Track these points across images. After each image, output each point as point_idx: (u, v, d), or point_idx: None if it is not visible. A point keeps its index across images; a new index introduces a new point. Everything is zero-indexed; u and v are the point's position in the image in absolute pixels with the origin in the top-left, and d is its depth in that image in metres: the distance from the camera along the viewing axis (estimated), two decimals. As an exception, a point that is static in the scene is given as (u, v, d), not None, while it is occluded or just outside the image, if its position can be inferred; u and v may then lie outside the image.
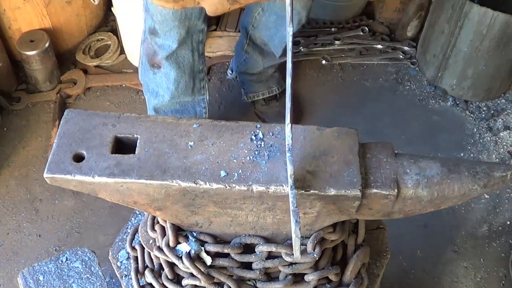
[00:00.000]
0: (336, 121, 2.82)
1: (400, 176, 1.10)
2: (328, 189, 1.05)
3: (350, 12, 3.34)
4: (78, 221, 2.48)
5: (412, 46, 3.21)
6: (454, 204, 1.15)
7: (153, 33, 2.07)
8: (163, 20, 2.00)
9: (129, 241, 1.40)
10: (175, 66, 2.18)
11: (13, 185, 2.59)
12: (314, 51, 3.17)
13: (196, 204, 1.12)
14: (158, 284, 1.29)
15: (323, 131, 1.14)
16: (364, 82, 3.10)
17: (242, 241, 1.22)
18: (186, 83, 2.28)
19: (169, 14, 1.96)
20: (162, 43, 2.09)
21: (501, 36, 2.69)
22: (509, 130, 2.90)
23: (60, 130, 1.12)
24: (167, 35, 2.05)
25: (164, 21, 2.00)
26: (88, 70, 3.03)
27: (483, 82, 2.95)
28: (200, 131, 1.13)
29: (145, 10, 2.06)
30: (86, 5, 2.99)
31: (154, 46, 2.13)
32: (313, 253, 1.19)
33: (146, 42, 2.16)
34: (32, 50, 2.78)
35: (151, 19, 2.03)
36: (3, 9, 2.75)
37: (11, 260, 2.36)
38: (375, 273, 1.44)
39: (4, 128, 2.78)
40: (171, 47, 2.10)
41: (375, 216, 1.16)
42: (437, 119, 2.95)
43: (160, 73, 2.21)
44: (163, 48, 2.11)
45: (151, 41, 2.12)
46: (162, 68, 2.19)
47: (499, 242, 2.49)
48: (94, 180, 1.05)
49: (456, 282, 2.37)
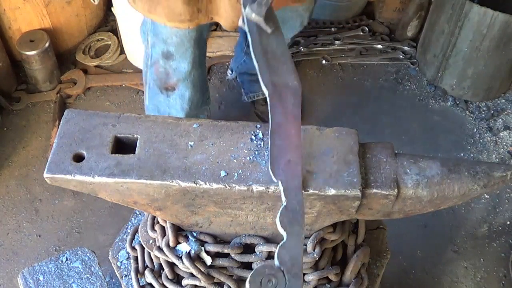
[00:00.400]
0: (336, 121, 2.82)
1: (400, 176, 1.10)
2: (328, 189, 1.05)
3: (350, 12, 3.34)
4: (78, 221, 2.48)
5: (412, 46, 3.22)
6: (454, 204, 1.15)
7: (167, 57, 2.00)
8: (179, 42, 1.94)
9: (129, 241, 1.40)
10: (190, 86, 2.14)
11: (13, 185, 2.59)
12: (314, 51, 3.17)
13: (196, 204, 1.12)
14: (158, 284, 1.29)
15: (323, 131, 1.14)
16: (364, 82, 3.10)
17: (242, 241, 1.22)
18: (198, 100, 2.25)
19: (185, 34, 1.90)
20: (177, 66, 2.04)
21: (501, 36, 2.69)
22: (509, 130, 2.90)
23: (60, 130, 1.12)
24: (182, 57, 2.00)
25: (180, 43, 1.94)
26: (88, 70, 3.03)
27: (483, 82, 2.95)
28: (200, 131, 1.13)
29: (153, 34, 1.98)
30: (86, 5, 2.99)
31: (168, 70, 2.06)
32: (313, 253, 1.19)
33: (155, 66, 2.08)
34: (32, 50, 2.78)
35: (164, 43, 1.96)
36: (3, 9, 2.75)
37: (11, 260, 2.36)
38: (375, 273, 1.44)
39: (4, 128, 2.78)
40: (186, 68, 2.05)
41: (375, 216, 1.16)
42: (437, 119, 2.95)
43: (174, 95, 2.16)
44: (178, 70, 2.05)
45: (165, 65, 2.04)
46: (176, 90, 2.13)
47: (499, 242, 2.49)
48: (94, 180, 1.05)
49: (456, 282, 2.37)
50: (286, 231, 0.95)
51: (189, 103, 2.20)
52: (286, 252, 0.94)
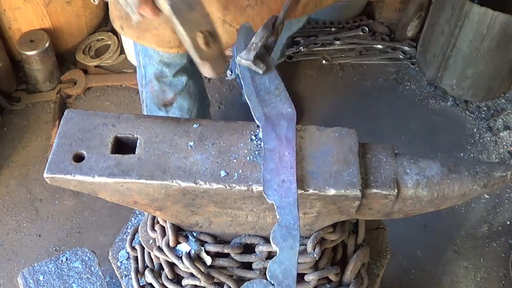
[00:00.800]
0: (336, 121, 2.81)
1: (400, 176, 1.10)
2: (328, 189, 1.05)
3: (350, 12, 3.34)
4: (78, 221, 2.48)
5: (412, 46, 3.22)
6: (454, 204, 1.15)
7: (160, 76, 2.02)
8: (171, 62, 1.95)
9: (129, 241, 1.40)
10: (187, 97, 2.15)
11: (13, 185, 2.59)
12: (314, 51, 3.17)
13: (196, 204, 1.12)
14: (158, 284, 1.29)
15: (323, 131, 1.14)
16: (364, 82, 3.10)
17: (242, 241, 1.22)
18: (198, 109, 2.25)
19: (176, 54, 1.90)
20: (172, 81, 2.05)
21: (501, 36, 2.68)
22: (509, 130, 2.90)
23: (60, 130, 1.12)
24: (176, 74, 2.01)
25: (172, 62, 1.95)
26: (88, 70, 3.03)
27: (483, 82, 2.95)
28: (200, 131, 1.13)
29: (144, 55, 1.99)
30: (86, 5, 2.99)
31: (163, 87, 2.07)
32: (313, 253, 1.19)
33: (150, 85, 2.09)
34: (32, 50, 2.78)
35: (156, 63, 1.97)
36: (3, 9, 2.75)
37: (11, 260, 2.36)
38: (375, 273, 1.44)
39: (4, 128, 2.79)
40: (182, 82, 2.06)
41: (375, 216, 1.16)
42: (437, 119, 2.95)
43: (173, 108, 2.17)
44: (173, 85, 2.07)
45: (159, 84, 2.06)
46: (175, 103, 2.14)
47: (499, 242, 2.49)
48: (94, 180, 1.05)
49: (456, 282, 2.37)
50: (278, 247, 0.96)
51: (189, 113, 2.20)
52: (278, 266, 0.94)
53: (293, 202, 1.00)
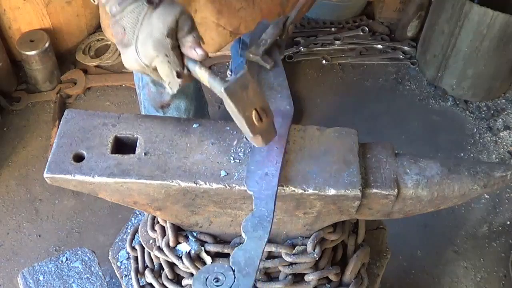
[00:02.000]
0: (336, 121, 2.81)
1: (400, 176, 1.10)
2: (328, 189, 1.05)
3: (350, 12, 3.35)
4: (78, 221, 2.48)
5: (412, 46, 3.22)
6: (454, 204, 1.15)
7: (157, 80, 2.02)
8: None
9: (129, 241, 1.40)
10: (184, 97, 2.14)
11: (13, 185, 2.59)
12: (314, 51, 3.17)
13: (196, 204, 1.12)
14: (158, 284, 1.29)
15: (323, 131, 1.14)
16: (364, 82, 3.10)
17: (242, 241, 1.22)
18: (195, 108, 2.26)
19: None
20: None
21: (501, 36, 2.69)
22: (509, 130, 2.90)
23: (60, 130, 1.12)
24: None
25: None
26: (88, 70, 3.03)
27: (483, 82, 2.95)
28: (200, 131, 1.13)
29: None
30: (86, 5, 2.99)
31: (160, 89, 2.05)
32: (313, 253, 1.19)
33: (147, 88, 2.08)
34: (32, 50, 2.78)
35: None
36: (3, 9, 2.75)
37: (11, 260, 2.36)
38: (375, 273, 1.44)
39: (4, 128, 2.78)
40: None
41: (375, 216, 1.16)
42: (437, 119, 2.95)
43: (171, 109, 2.16)
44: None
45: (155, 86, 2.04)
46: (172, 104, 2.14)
47: (499, 242, 2.49)
48: (94, 180, 1.05)
49: (456, 282, 2.37)
50: (247, 235, 0.98)
51: (186, 113, 2.20)
52: (243, 254, 0.96)
53: (271, 195, 1.02)
